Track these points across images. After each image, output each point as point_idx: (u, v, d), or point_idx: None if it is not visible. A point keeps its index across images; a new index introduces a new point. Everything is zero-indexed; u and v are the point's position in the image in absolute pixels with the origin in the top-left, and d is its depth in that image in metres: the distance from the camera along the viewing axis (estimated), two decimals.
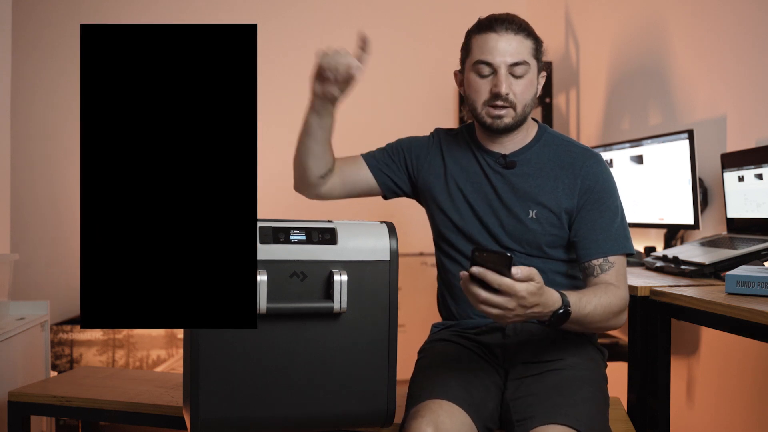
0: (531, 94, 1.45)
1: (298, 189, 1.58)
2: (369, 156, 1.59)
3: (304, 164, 1.51)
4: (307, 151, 1.49)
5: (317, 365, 1.24)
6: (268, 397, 1.22)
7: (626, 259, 1.45)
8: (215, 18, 3.37)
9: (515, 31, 1.41)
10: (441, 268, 1.57)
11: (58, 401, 1.69)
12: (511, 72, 1.41)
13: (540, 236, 1.44)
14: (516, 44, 1.41)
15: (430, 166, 1.55)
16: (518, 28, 1.42)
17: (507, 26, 1.41)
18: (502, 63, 1.40)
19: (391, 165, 1.58)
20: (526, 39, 1.43)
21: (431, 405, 1.26)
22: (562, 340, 1.43)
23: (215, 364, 1.20)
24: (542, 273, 1.18)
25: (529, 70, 1.42)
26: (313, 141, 1.47)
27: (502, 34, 1.41)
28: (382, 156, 1.59)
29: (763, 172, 1.82)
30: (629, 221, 2.47)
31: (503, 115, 1.42)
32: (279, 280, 1.21)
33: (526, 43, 1.42)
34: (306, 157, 1.50)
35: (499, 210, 1.47)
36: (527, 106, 1.44)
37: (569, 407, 1.25)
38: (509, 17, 1.43)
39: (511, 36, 1.41)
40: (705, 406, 2.26)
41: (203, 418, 1.20)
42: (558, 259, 1.47)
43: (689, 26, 2.39)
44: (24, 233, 3.17)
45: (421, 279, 2.90)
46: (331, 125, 1.47)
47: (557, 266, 1.47)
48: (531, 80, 1.44)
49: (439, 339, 1.52)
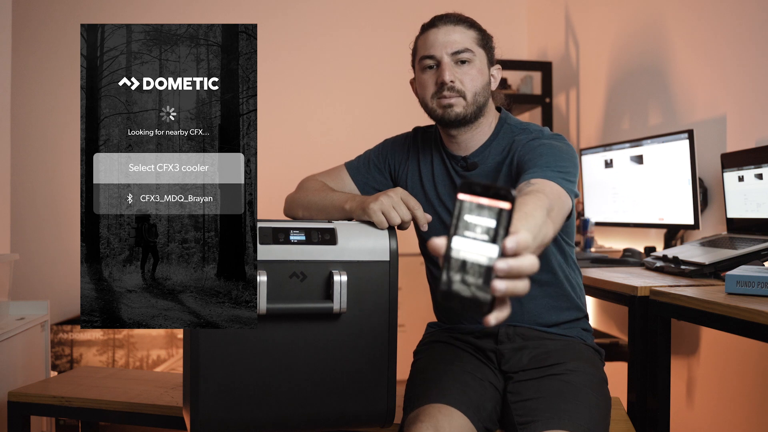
0: (481, 83, 1.42)
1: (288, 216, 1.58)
2: (353, 168, 1.58)
3: (301, 215, 1.50)
4: (312, 215, 1.47)
5: (317, 365, 1.24)
6: (268, 397, 1.22)
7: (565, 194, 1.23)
8: (215, 18, 3.37)
9: (455, 23, 1.42)
10: (428, 273, 1.57)
11: (58, 401, 1.69)
12: (455, 61, 1.40)
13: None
14: (457, 34, 1.41)
15: (409, 170, 1.54)
16: (458, 20, 1.42)
17: (446, 20, 1.42)
18: (443, 53, 1.40)
19: (376, 175, 1.57)
20: (468, 29, 1.42)
21: (430, 410, 1.25)
22: (560, 342, 1.43)
23: (215, 364, 1.20)
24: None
25: (474, 57, 1.41)
26: (324, 216, 1.45)
27: (442, 27, 1.42)
28: (366, 167, 1.58)
29: (763, 172, 1.82)
30: (629, 221, 2.49)
31: (453, 104, 1.40)
32: (279, 280, 1.20)
33: (469, 33, 1.42)
34: (306, 215, 1.49)
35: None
36: (478, 95, 1.41)
37: (572, 412, 1.24)
38: (449, 13, 1.44)
39: (450, 27, 1.41)
40: (705, 406, 2.26)
41: (203, 418, 1.20)
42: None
43: (689, 26, 2.39)
44: (24, 233, 3.17)
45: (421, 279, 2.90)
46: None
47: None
48: (479, 69, 1.42)
49: (434, 340, 1.52)
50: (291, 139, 3.45)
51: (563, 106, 3.37)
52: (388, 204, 1.30)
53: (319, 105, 3.54)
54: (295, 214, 1.51)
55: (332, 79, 3.57)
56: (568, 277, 1.47)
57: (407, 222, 1.32)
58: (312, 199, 1.48)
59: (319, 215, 1.45)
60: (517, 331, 1.43)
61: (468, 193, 0.68)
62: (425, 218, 1.33)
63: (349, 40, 3.60)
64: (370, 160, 1.59)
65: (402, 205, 1.31)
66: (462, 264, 0.66)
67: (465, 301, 0.66)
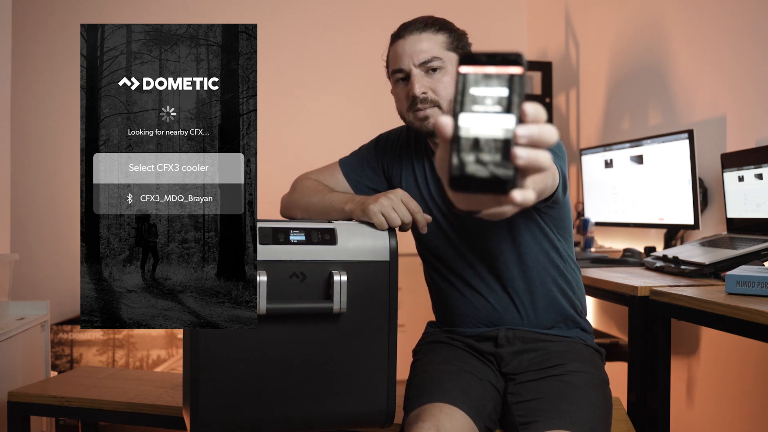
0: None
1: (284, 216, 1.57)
2: (346, 166, 1.57)
3: (299, 217, 1.50)
4: (311, 216, 1.46)
5: (317, 365, 1.24)
6: (268, 397, 1.22)
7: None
8: (215, 18, 3.37)
9: (420, 30, 1.38)
10: (426, 275, 1.57)
11: (57, 401, 1.69)
12: (425, 70, 1.38)
13: (500, 221, 1.39)
14: (424, 42, 1.37)
15: (403, 170, 1.53)
16: (424, 26, 1.38)
17: (412, 28, 1.39)
18: (411, 65, 1.38)
19: (370, 174, 1.57)
20: (436, 34, 1.39)
21: (431, 409, 1.25)
22: (560, 344, 1.43)
23: (215, 364, 1.20)
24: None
25: (444, 63, 1.38)
26: (323, 217, 1.44)
27: (408, 37, 1.38)
28: (360, 166, 1.57)
29: (763, 172, 1.82)
30: (629, 221, 2.49)
31: (429, 115, 1.38)
32: (279, 280, 1.20)
33: (437, 38, 1.38)
34: (305, 217, 1.48)
35: (449, 211, 1.45)
36: None
37: (574, 412, 1.24)
38: (416, 19, 1.40)
39: (416, 36, 1.38)
40: (705, 406, 2.26)
41: (203, 418, 1.20)
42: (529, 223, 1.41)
43: (689, 26, 2.39)
44: (24, 233, 3.17)
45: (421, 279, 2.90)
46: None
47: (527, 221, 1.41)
48: (453, 74, 1.38)
49: (434, 340, 1.52)
50: (291, 139, 3.45)
51: (563, 106, 3.37)
52: (388, 205, 1.30)
53: (320, 105, 3.54)
54: (293, 216, 1.51)
55: (332, 79, 3.57)
56: (566, 277, 1.47)
57: (408, 224, 1.32)
58: (311, 200, 1.48)
59: (318, 216, 1.44)
60: (516, 334, 1.43)
61: (471, 64, 0.60)
62: (425, 220, 1.33)
63: (349, 40, 3.60)
64: (364, 159, 1.58)
65: (402, 206, 1.31)
66: (474, 142, 0.59)
67: (483, 183, 0.59)
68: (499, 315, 1.44)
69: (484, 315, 1.45)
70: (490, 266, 1.43)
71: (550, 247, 1.44)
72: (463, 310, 1.47)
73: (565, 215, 1.45)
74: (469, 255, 1.44)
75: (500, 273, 1.42)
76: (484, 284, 1.44)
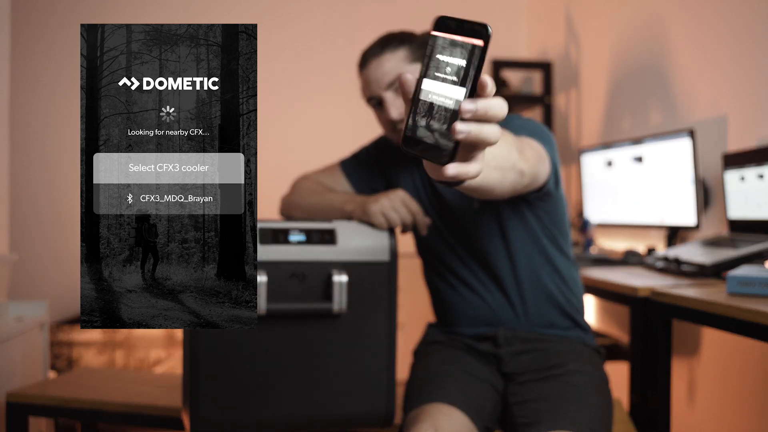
0: None
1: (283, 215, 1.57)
2: (347, 167, 1.57)
3: (298, 215, 1.49)
4: (311, 216, 1.46)
5: (317, 365, 1.24)
6: (268, 397, 1.22)
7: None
8: (215, 18, 3.37)
9: (379, 53, 1.38)
10: (426, 276, 1.57)
11: (56, 402, 1.69)
12: (395, 91, 1.37)
13: (490, 219, 1.40)
14: (385, 64, 1.37)
15: (402, 173, 1.53)
16: (382, 48, 1.38)
17: (371, 53, 1.39)
18: (380, 91, 1.38)
19: (371, 176, 1.56)
20: (396, 51, 1.38)
21: (430, 409, 1.25)
22: (560, 344, 1.42)
23: (215, 364, 1.20)
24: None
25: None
26: (324, 218, 1.43)
27: (371, 63, 1.39)
28: (361, 167, 1.57)
29: (765, 172, 1.81)
30: (630, 222, 2.49)
31: None
32: (279, 280, 1.20)
33: (397, 54, 1.38)
34: (305, 217, 1.47)
35: (444, 211, 1.45)
36: None
37: (575, 412, 1.24)
38: (374, 42, 1.40)
39: (376, 61, 1.38)
40: (706, 407, 2.25)
41: (203, 418, 1.20)
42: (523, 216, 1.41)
43: (690, 26, 2.39)
44: (23, 233, 3.17)
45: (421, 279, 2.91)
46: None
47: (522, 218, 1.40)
48: None
49: (434, 341, 1.52)
50: (291, 139, 3.45)
51: (563, 106, 3.37)
52: (388, 206, 1.29)
53: (320, 105, 3.54)
54: (293, 216, 1.50)
55: (333, 79, 3.56)
56: (562, 275, 1.46)
57: (408, 225, 1.32)
58: (311, 201, 1.48)
59: (318, 217, 1.44)
60: (516, 334, 1.43)
61: (442, 30, 0.60)
62: (425, 222, 1.33)
63: (349, 40, 3.59)
64: (364, 161, 1.58)
65: (403, 207, 1.31)
66: (429, 107, 0.60)
67: (426, 148, 0.60)
68: (496, 314, 1.43)
69: (481, 314, 1.44)
70: (484, 265, 1.43)
71: (545, 244, 1.43)
72: (461, 310, 1.47)
73: (560, 211, 1.44)
74: (463, 254, 1.44)
75: (494, 271, 1.42)
76: (480, 283, 1.44)
